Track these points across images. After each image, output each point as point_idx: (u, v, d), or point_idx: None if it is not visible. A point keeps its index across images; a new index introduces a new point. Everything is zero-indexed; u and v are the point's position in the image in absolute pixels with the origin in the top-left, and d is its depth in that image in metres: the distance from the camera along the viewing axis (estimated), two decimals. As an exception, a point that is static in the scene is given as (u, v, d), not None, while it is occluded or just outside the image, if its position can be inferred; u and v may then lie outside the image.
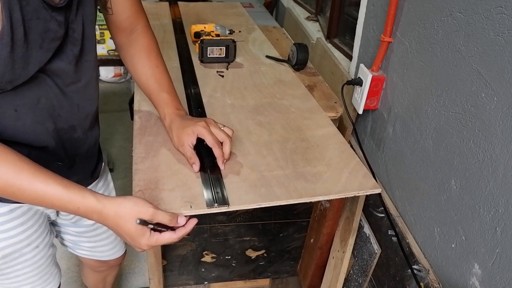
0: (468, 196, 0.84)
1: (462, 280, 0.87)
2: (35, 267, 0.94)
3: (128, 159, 2.28)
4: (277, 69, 1.41)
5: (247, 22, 1.89)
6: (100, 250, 1.14)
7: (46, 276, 0.99)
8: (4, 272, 0.90)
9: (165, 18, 1.81)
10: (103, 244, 1.13)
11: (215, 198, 0.79)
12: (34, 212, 0.89)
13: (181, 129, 0.87)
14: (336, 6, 1.85)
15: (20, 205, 0.85)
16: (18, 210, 0.85)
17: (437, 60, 0.92)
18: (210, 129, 0.84)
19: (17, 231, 0.86)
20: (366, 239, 1.24)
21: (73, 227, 1.06)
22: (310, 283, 1.48)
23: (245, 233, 1.41)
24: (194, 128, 0.85)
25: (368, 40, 1.27)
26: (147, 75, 0.94)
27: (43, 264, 0.96)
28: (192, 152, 0.85)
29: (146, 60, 0.94)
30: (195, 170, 0.84)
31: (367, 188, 0.88)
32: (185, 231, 0.72)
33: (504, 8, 0.72)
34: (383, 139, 1.19)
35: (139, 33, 0.95)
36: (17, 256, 0.90)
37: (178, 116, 0.90)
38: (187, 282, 1.54)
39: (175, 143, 0.89)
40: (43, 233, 0.94)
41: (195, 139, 0.85)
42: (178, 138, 0.87)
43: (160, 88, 0.93)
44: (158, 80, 0.93)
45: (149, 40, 0.96)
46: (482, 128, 0.79)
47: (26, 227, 0.88)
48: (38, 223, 0.91)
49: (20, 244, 0.88)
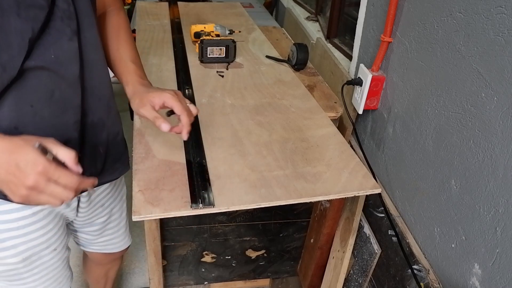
0: (468, 196, 0.84)
1: (462, 280, 0.87)
2: (51, 269, 0.94)
3: (128, 159, 2.28)
4: (277, 69, 1.41)
5: (247, 22, 1.89)
6: (112, 243, 1.16)
7: (61, 278, 0.99)
8: (22, 277, 0.90)
9: (165, 18, 1.81)
10: (114, 237, 1.15)
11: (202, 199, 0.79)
12: (54, 215, 0.89)
13: (146, 93, 0.81)
14: (336, 6, 1.85)
15: (42, 208, 0.85)
16: (40, 213, 0.85)
17: (437, 60, 0.92)
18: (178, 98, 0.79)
19: (38, 234, 0.86)
20: (366, 239, 1.24)
21: (89, 226, 1.06)
22: (310, 283, 1.48)
23: (245, 233, 1.41)
24: (161, 94, 0.79)
25: (368, 40, 1.27)
26: (113, 49, 0.91)
27: (59, 267, 0.97)
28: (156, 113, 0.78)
29: (115, 36, 0.92)
30: (165, 129, 0.76)
31: (367, 188, 0.88)
32: (84, 184, 0.64)
33: (504, 8, 0.72)
34: (383, 139, 1.19)
35: (111, 13, 0.94)
36: (36, 259, 0.90)
37: (142, 85, 0.85)
38: (187, 282, 1.54)
39: (136, 104, 0.80)
40: (61, 235, 0.94)
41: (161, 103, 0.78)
42: (140, 100, 0.80)
43: (126, 58, 0.90)
44: (125, 52, 0.90)
45: (120, 20, 0.95)
46: (482, 128, 0.79)
47: (47, 230, 0.88)
48: (57, 226, 0.92)
49: (39, 247, 0.88)
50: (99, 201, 1.02)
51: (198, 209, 0.78)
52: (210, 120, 1.07)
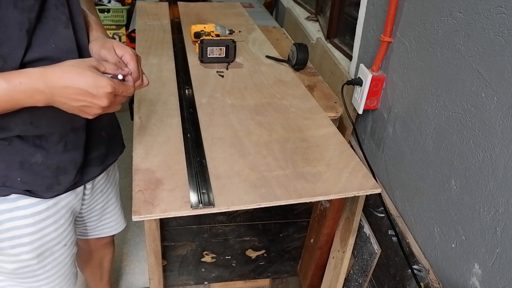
0: (468, 196, 0.84)
1: (462, 280, 0.87)
2: (62, 265, 0.96)
3: (128, 159, 2.27)
4: (277, 69, 1.41)
5: (247, 22, 1.89)
6: (110, 226, 1.18)
7: (70, 275, 1.01)
8: (35, 274, 0.91)
9: (165, 18, 1.81)
10: (112, 220, 1.17)
11: (201, 199, 0.79)
12: (66, 210, 0.91)
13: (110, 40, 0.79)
14: (336, 6, 1.85)
15: (56, 201, 0.87)
16: (53, 208, 0.87)
17: (437, 60, 0.92)
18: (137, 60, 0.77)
19: (51, 229, 0.88)
20: (366, 239, 1.24)
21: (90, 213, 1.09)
22: (310, 283, 1.48)
23: (245, 233, 1.41)
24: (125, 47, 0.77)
25: (368, 40, 1.27)
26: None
27: (68, 263, 0.98)
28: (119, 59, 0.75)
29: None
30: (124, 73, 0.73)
31: (367, 188, 0.88)
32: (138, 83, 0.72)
33: (504, 8, 0.72)
34: (383, 139, 1.19)
35: None
36: (48, 255, 0.91)
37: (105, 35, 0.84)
38: (187, 282, 1.54)
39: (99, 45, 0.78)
40: (71, 231, 0.96)
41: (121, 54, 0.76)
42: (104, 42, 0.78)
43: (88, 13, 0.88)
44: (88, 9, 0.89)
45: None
46: (482, 128, 0.79)
47: (59, 225, 0.90)
48: (68, 221, 0.93)
49: (52, 242, 0.90)
50: (99, 187, 1.05)
51: (198, 209, 0.78)
52: (210, 120, 1.07)
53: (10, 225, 0.82)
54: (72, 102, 0.64)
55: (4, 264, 0.87)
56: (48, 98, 0.63)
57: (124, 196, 1.24)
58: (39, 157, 0.78)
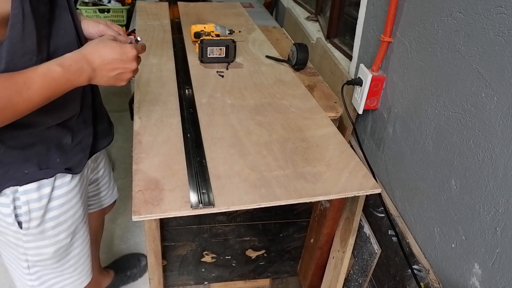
0: (468, 196, 0.84)
1: (462, 280, 0.87)
2: (85, 243, 1.00)
3: (128, 159, 2.27)
4: (277, 69, 1.41)
5: (247, 22, 1.89)
6: (106, 196, 1.25)
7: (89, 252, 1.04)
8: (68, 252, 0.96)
9: (165, 18, 1.81)
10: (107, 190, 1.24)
11: (201, 199, 0.79)
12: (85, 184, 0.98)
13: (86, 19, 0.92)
14: (336, 6, 1.85)
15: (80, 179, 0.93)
16: (79, 185, 0.92)
17: (437, 60, 0.92)
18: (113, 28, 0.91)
19: (78, 206, 0.94)
20: (366, 239, 1.24)
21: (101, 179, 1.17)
22: (310, 283, 1.48)
23: (245, 233, 1.41)
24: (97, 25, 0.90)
25: (368, 40, 1.27)
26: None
27: (89, 242, 1.03)
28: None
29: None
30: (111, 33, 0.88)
31: (367, 188, 0.88)
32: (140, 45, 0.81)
33: (504, 8, 0.72)
34: (383, 139, 1.19)
35: None
36: (76, 232, 0.96)
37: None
38: (187, 282, 1.54)
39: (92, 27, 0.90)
40: (86, 208, 1.01)
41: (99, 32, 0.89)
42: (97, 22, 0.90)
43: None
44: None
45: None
46: (482, 128, 0.79)
47: (82, 202, 0.96)
48: (84, 197, 0.98)
49: (79, 219, 0.95)
50: (97, 160, 1.11)
51: (198, 209, 0.78)
52: (210, 120, 1.07)
53: (51, 205, 0.87)
54: (110, 72, 0.74)
55: (45, 250, 0.90)
56: (89, 76, 0.72)
57: (124, 196, 1.25)
58: (69, 137, 0.87)
